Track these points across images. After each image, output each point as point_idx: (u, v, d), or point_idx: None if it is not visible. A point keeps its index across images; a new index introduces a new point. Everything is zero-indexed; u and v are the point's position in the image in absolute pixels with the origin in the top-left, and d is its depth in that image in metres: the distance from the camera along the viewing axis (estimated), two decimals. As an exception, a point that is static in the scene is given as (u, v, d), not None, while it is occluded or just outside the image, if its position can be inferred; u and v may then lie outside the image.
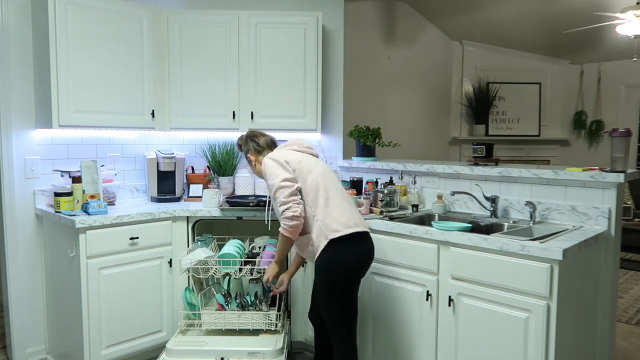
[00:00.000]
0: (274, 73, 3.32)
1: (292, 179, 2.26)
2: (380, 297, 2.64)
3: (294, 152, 2.40)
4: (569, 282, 2.09)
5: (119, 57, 3.03)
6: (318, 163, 2.40)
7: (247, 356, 2.57)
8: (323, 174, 2.33)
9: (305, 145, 2.49)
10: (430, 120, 6.68)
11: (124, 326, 2.83)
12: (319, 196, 2.25)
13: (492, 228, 2.66)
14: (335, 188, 2.33)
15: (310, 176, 2.29)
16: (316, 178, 2.29)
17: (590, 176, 2.43)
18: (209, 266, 2.77)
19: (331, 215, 2.22)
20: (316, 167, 2.34)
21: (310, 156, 2.43)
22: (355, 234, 2.23)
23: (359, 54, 5.41)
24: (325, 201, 2.25)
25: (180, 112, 3.30)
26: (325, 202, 2.25)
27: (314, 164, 2.36)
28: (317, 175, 2.30)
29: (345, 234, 2.20)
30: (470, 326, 2.27)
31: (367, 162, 3.43)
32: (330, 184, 2.32)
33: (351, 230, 2.21)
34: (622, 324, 3.70)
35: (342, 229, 2.20)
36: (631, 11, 4.57)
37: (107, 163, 3.30)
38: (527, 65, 7.12)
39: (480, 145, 3.01)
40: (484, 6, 5.83)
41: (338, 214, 2.23)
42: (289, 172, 2.27)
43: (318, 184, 2.27)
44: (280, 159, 2.31)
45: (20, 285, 2.97)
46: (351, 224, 2.22)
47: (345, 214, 2.24)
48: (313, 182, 2.27)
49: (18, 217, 2.94)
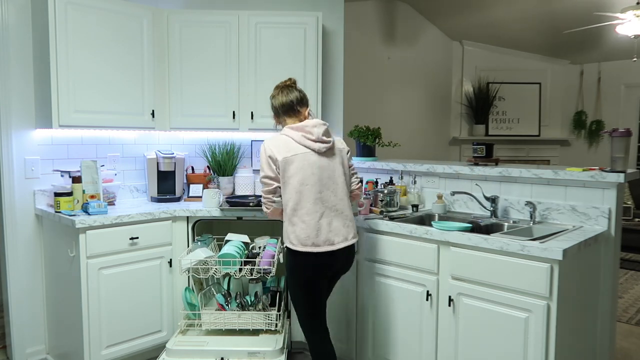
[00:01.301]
0: (274, 73, 3.31)
1: (274, 178, 2.30)
2: (380, 297, 2.64)
3: (291, 146, 2.28)
4: (569, 282, 2.09)
5: (119, 57, 3.03)
6: (312, 162, 2.26)
7: (247, 356, 2.57)
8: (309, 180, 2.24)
9: (312, 136, 2.28)
10: (430, 120, 6.68)
11: (124, 326, 2.83)
12: (289, 204, 2.27)
13: (492, 228, 2.66)
14: (316, 200, 2.25)
15: (292, 180, 2.25)
16: (295, 185, 2.24)
17: (590, 176, 2.43)
18: (209, 266, 2.77)
19: (295, 225, 2.26)
20: (304, 172, 2.25)
21: (307, 154, 2.27)
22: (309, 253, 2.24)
23: (359, 54, 5.41)
24: (293, 211, 2.26)
25: (180, 112, 3.30)
26: (293, 212, 2.26)
27: (303, 167, 2.25)
28: (300, 181, 2.24)
29: (296, 250, 2.25)
30: (470, 326, 2.27)
31: (367, 162, 3.43)
32: (312, 192, 2.24)
33: (303, 249, 2.24)
34: (622, 324, 3.69)
35: (297, 244, 2.25)
36: (631, 11, 4.57)
37: (107, 163, 3.30)
38: (527, 65, 7.12)
39: (480, 145, 3.01)
40: (484, 6, 5.83)
41: (299, 229, 2.24)
42: (272, 171, 2.29)
43: (296, 191, 2.24)
44: (269, 152, 2.29)
45: (20, 285, 2.97)
46: (308, 242, 2.23)
47: (306, 231, 2.23)
48: (292, 188, 2.25)
49: (18, 217, 2.94)
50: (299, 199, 2.24)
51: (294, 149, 2.27)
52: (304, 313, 2.37)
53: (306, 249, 2.23)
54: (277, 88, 2.43)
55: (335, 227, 2.27)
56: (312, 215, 2.24)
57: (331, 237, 2.26)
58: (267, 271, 2.76)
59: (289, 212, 2.27)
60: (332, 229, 2.26)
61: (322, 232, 2.24)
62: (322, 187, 2.27)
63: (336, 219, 2.29)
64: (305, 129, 2.30)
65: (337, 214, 2.30)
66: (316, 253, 2.24)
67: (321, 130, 2.31)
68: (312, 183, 2.25)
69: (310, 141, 2.28)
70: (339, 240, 2.28)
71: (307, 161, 2.26)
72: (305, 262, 2.27)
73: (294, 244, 2.25)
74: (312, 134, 2.29)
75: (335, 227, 2.27)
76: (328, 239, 2.25)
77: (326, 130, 2.34)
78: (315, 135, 2.29)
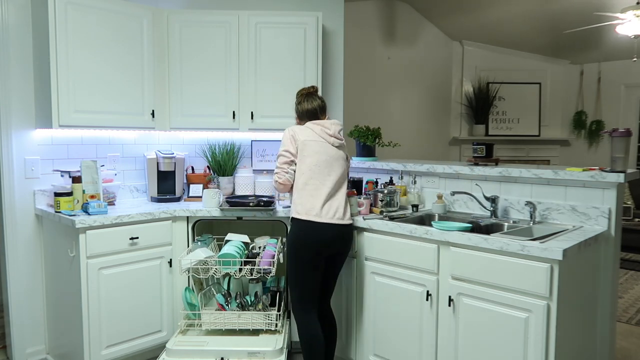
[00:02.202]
0: (274, 73, 3.32)
1: (293, 153, 2.56)
2: (380, 297, 2.64)
3: (311, 134, 2.59)
4: (569, 282, 2.09)
5: (119, 57, 3.03)
6: (322, 153, 2.56)
7: (247, 356, 2.57)
8: (317, 163, 2.54)
9: (329, 131, 2.61)
10: (430, 120, 6.68)
11: (124, 326, 2.83)
12: (300, 179, 2.54)
13: (492, 228, 2.66)
14: (319, 177, 2.54)
15: (307, 160, 2.54)
16: (310, 164, 2.53)
17: (590, 176, 2.43)
18: (209, 266, 2.77)
19: (302, 197, 2.52)
20: (318, 155, 2.55)
21: (323, 143, 2.58)
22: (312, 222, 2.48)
23: (359, 54, 5.41)
24: (303, 185, 2.53)
25: (180, 112, 3.30)
26: (303, 185, 2.53)
27: (318, 151, 2.55)
28: (312, 162, 2.54)
29: (301, 218, 2.49)
30: (470, 326, 2.27)
31: (367, 162, 3.43)
32: (318, 173, 2.54)
33: (307, 217, 2.48)
34: (622, 324, 3.70)
35: (302, 213, 2.50)
36: (631, 11, 4.57)
37: (107, 163, 3.30)
38: (527, 65, 7.12)
39: (480, 145, 3.01)
40: (484, 6, 5.83)
41: (307, 200, 2.51)
42: (293, 147, 2.56)
43: (308, 169, 2.53)
44: (292, 132, 2.59)
45: (20, 285, 2.97)
46: (313, 212, 2.49)
47: (312, 202, 2.51)
48: (306, 167, 2.53)
49: (18, 217, 2.94)
50: (310, 176, 2.53)
51: (314, 136, 2.59)
52: (298, 290, 2.54)
53: (310, 217, 2.48)
54: (300, 95, 2.74)
55: (335, 207, 2.55)
56: (318, 191, 2.53)
57: (331, 213, 2.52)
58: (267, 271, 2.76)
59: (300, 186, 2.54)
60: (332, 207, 2.54)
61: (325, 208, 2.52)
62: (331, 171, 2.56)
63: (336, 201, 2.57)
64: (325, 124, 2.64)
65: (337, 197, 2.58)
66: (318, 223, 2.49)
67: (337, 128, 2.65)
68: (323, 166, 2.55)
69: (327, 135, 2.60)
70: (338, 217, 2.54)
71: (323, 148, 2.58)
72: (306, 231, 2.49)
73: (300, 213, 2.50)
74: (330, 129, 2.62)
75: (335, 207, 2.55)
76: (328, 213, 2.52)
77: (341, 129, 2.68)
78: (332, 131, 2.62)
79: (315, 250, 2.49)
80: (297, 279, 2.53)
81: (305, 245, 2.49)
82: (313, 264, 2.50)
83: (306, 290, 2.53)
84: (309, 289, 2.53)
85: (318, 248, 2.50)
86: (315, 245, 2.49)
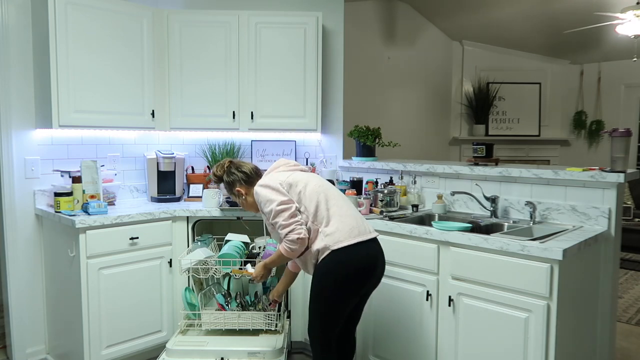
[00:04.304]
0: (274, 73, 3.31)
1: (289, 200, 2.14)
2: (380, 297, 2.64)
3: (283, 173, 2.27)
4: (569, 282, 2.09)
5: (119, 57, 3.03)
6: (312, 176, 2.27)
7: (247, 356, 2.56)
8: (319, 184, 2.21)
9: (292, 163, 2.35)
10: (430, 120, 6.68)
11: (124, 326, 2.83)
12: (320, 208, 2.14)
13: (492, 228, 2.66)
14: (335, 196, 2.20)
15: (308, 187, 2.17)
16: (314, 188, 2.17)
17: (590, 176, 2.43)
18: (209, 266, 2.77)
19: (334, 224, 2.11)
20: (311, 179, 2.23)
21: (300, 172, 2.29)
22: (359, 243, 2.10)
23: (359, 54, 5.41)
24: (326, 211, 2.13)
25: (180, 112, 3.30)
26: (326, 212, 2.13)
27: (307, 177, 2.24)
28: (314, 186, 2.19)
29: (349, 244, 2.08)
30: (470, 326, 2.27)
31: (367, 162, 3.43)
32: (329, 192, 2.20)
33: (355, 240, 2.09)
34: (622, 324, 3.69)
35: (344, 239, 2.08)
36: (631, 11, 4.57)
37: (107, 163, 3.30)
38: (527, 65, 7.12)
39: (480, 145, 3.01)
40: (483, 6, 5.83)
41: (340, 223, 2.11)
42: (284, 195, 2.15)
43: (318, 193, 2.16)
44: (271, 183, 2.19)
45: (20, 285, 2.97)
46: (355, 233, 2.11)
47: (349, 223, 2.12)
48: (311, 194, 2.15)
49: (18, 217, 2.94)
50: (327, 197, 2.16)
51: (291, 172, 2.28)
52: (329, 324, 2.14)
53: (356, 239, 2.08)
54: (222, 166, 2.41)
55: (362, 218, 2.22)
56: (344, 208, 2.17)
57: (367, 226, 2.18)
58: (267, 271, 2.75)
59: (321, 215, 2.12)
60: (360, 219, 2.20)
61: (359, 222, 2.16)
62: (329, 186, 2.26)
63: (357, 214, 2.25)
64: (280, 163, 2.35)
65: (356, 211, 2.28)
66: (366, 241, 2.11)
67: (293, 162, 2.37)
68: (324, 184, 2.24)
69: (293, 167, 2.34)
70: (371, 230, 2.20)
71: (307, 174, 2.28)
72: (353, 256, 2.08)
73: (342, 240, 2.07)
74: (289, 163, 2.35)
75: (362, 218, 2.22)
76: (366, 227, 2.17)
77: None
78: (292, 162, 2.36)
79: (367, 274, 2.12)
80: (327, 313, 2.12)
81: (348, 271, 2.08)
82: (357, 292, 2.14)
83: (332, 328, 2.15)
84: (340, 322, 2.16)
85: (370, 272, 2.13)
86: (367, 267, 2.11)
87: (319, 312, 2.15)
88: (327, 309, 2.13)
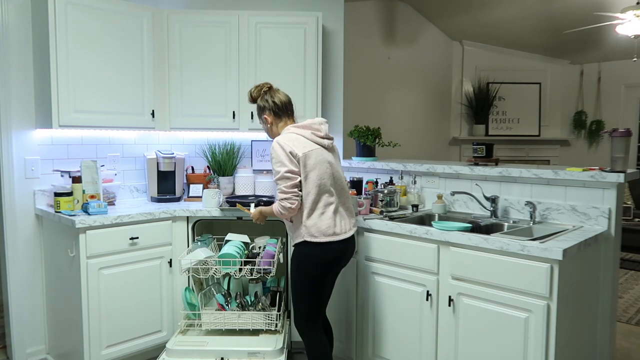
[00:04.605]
0: (274, 73, 3.31)
1: (296, 172, 2.29)
2: (380, 297, 2.64)
3: (305, 142, 2.33)
4: (569, 282, 2.09)
5: (119, 57, 3.03)
6: (322, 162, 2.34)
7: (247, 356, 2.57)
8: (321, 177, 2.32)
9: (321, 133, 2.40)
10: (430, 120, 6.68)
11: (124, 326, 2.83)
12: (308, 198, 2.30)
13: (492, 228, 2.66)
14: (330, 192, 2.35)
15: (311, 175, 2.30)
16: (314, 179, 2.30)
17: (590, 176, 2.43)
18: (209, 266, 2.77)
19: (313, 219, 2.31)
20: (319, 167, 2.32)
21: (320, 148, 2.36)
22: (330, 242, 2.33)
23: (359, 54, 5.41)
24: (312, 204, 2.31)
25: (180, 112, 3.30)
26: (312, 205, 2.31)
27: (318, 163, 2.32)
28: (316, 176, 2.30)
29: (320, 241, 2.31)
30: (470, 326, 2.27)
31: (367, 162, 3.43)
32: (327, 187, 2.34)
33: (326, 239, 2.31)
34: (622, 324, 3.69)
35: (318, 236, 2.31)
36: (631, 11, 4.57)
37: (107, 163, 3.30)
38: (527, 65, 7.12)
39: (480, 145, 3.01)
40: (484, 6, 5.83)
41: (320, 221, 2.31)
42: (294, 165, 2.29)
43: (317, 186, 2.30)
44: (288, 148, 2.28)
45: (20, 285, 2.97)
46: (329, 232, 2.32)
47: (327, 222, 2.32)
48: (311, 183, 2.30)
49: (18, 217, 2.94)
50: (320, 192, 2.32)
51: (309, 145, 2.34)
52: (306, 306, 2.39)
53: (328, 238, 2.31)
54: (260, 89, 2.48)
55: (345, 217, 2.42)
56: (330, 207, 2.35)
57: (344, 226, 2.39)
58: (267, 271, 2.76)
59: (309, 206, 2.31)
60: (343, 218, 2.40)
61: (337, 222, 2.36)
62: (334, 181, 2.39)
63: (344, 209, 2.44)
64: (313, 126, 2.40)
65: (345, 205, 2.45)
66: (337, 241, 2.34)
67: (327, 127, 2.45)
68: (327, 177, 2.35)
69: (319, 138, 2.38)
70: (348, 229, 2.41)
71: (322, 156, 2.36)
72: (325, 253, 2.33)
73: (316, 236, 2.30)
74: (320, 131, 2.41)
75: (345, 217, 2.42)
76: (342, 228, 2.38)
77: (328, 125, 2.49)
78: (323, 132, 2.41)
79: (331, 267, 2.38)
80: (308, 295, 2.38)
81: (323, 265, 2.35)
82: (326, 279, 2.40)
83: (316, 305, 2.41)
84: (319, 304, 2.42)
85: (334, 265, 2.40)
86: (332, 263, 2.37)
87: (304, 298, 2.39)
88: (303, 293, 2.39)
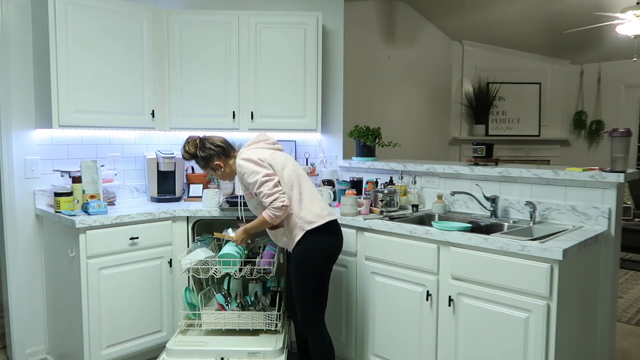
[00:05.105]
0: (274, 73, 3.32)
1: (272, 173, 2.39)
2: (380, 297, 2.64)
3: (264, 150, 2.48)
4: (569, 282, 2.09)
5: (119, 57, 3.03)
6: (288, 158, 2.51)
7: (247, 356, 2.57)
8: (294, 169, 2.46)
9: (271, 141, 2.57)
10: (430, 120, 6.68)
11: (124, 326, 2.83)
12: (293, 191, 2.40)
13: (492, 228, 2.66)
14: (305, 182, 2.47)
15: (285, 171, 2.41)
16: (290, 173, 2.42)
17: (590, 176, 2.43)
18: (209, 266, 2.77)
19: (305, 208, 2.39)
20: (287, 162, 2.46)
21: (279, 152, 2.53)
22: (328, 223, 2.40)
23: (359, 54, 5.41)
24: (299, 195, 2.40)
25: (180, 112, 3.30)
26: (299, 196, 2.40)
27: (285, 159, 2.47)
28: (290, 170, 2.43)
29: (320, 224, 2.36)
30: (470, 326, 2.27)
31: (367, 162, 3.43)
32: (302, 177, 2.46)
33: (324, 220, 2.38)
34: (622, 324, 3.70)
35: (316, 219, 2.37)
36: (631, 11, 4.57)
37: (107, 163, 3.30)
38: (527, 65, 7.12)
39: (480, 145, 3.01)
40: (484, 6, 5.83)
41: (311, 206, 2.39)
42: (267, 168, 2.39)
43: (292, 179, 2.41)
44: (255, 157, 2.41)
45: (20, 285, 2.97)
46: (324, 213, 2.40)
47: (318, 205, 2.41)
48: (288, 177, 2.40)
49: (18, 217, 2.94)
50: (300, 182, 2.43)
51: (269, 151, 2.48)
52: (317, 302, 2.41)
53: (326, 219, 2.39)
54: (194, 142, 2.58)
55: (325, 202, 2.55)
56: (315, 192, 2.47)
57: (330, 209, 2.49)
58: (267, 271, 2.76)
59: (296, 197, 2.39)
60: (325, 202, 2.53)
61: (325, 205, 2.46)
62: (302, 172, 2.51)
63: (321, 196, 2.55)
64: (260, 138, 2.55)
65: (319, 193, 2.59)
66: (333, 221, 2.42)
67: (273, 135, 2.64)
68: (299, 168, 2.49)
69: (272, 145, 2.56)
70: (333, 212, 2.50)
71: (284, 155, 2.51)
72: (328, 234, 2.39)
73: (314, 221, 2.36)
74: (269, 139, 2.57)
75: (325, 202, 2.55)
76: (330, 210, 2.47)
77: None
78: (272, 140, 2.58)
79: (334, 257, 2.44)
80: (315, 288, 2.39)
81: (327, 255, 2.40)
82: (329, 273, 2.45)
83: (322, 300, 2.44)
84: (325, 299, 2.46)
85: (336, 252, 2.45)
86: (338, 243, 2.45)
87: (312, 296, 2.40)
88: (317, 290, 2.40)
